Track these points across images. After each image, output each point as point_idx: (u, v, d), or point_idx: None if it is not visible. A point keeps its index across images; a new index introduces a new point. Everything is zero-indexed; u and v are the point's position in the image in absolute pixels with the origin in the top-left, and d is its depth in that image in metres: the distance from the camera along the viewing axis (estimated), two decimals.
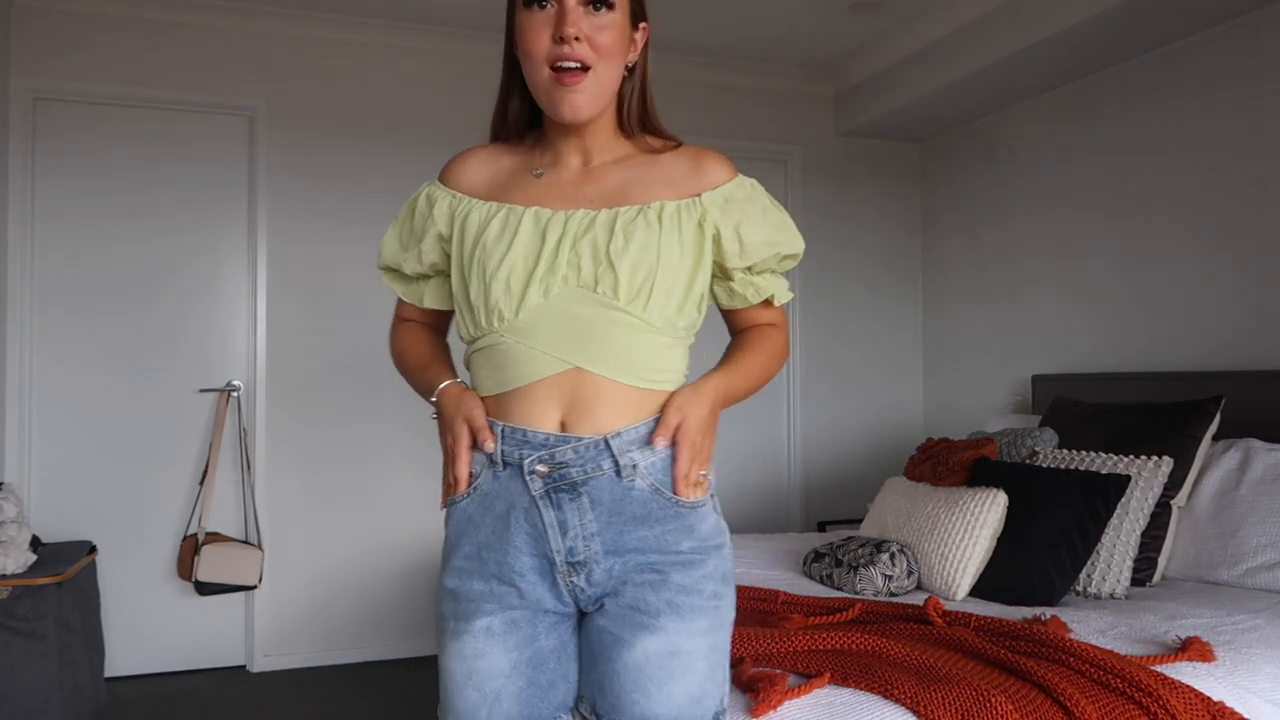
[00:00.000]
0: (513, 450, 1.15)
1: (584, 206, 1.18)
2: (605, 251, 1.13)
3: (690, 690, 1.13)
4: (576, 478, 1.13)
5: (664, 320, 1.17)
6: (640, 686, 1.12)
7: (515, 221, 1.16)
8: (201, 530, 3.54)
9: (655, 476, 1.15)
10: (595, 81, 1.15)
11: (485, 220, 1.19)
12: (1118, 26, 3.20)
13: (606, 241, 1.14)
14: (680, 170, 1.22)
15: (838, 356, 4.60)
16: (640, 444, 1.15)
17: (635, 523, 1.14)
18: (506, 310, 1.15)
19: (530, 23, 1.15)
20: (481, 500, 1.18)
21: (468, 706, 1.16)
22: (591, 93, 1.15)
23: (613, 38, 1.16)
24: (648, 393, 1.16)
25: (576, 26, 1.13)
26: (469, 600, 1.17)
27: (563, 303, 1.14)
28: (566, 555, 1.15)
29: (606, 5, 1.15)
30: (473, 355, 1.22)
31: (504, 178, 1.24)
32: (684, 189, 1.21)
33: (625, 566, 1.15)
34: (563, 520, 1.14)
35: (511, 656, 1.16)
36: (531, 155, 1.26)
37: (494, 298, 1.15)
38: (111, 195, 3.64)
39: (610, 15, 1.15)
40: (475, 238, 1.18)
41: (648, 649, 1.13)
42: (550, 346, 1.14)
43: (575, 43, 1.13)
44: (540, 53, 1.14)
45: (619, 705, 1.13)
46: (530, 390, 1.15)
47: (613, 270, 1.13)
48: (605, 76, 1.17)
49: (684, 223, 1.18)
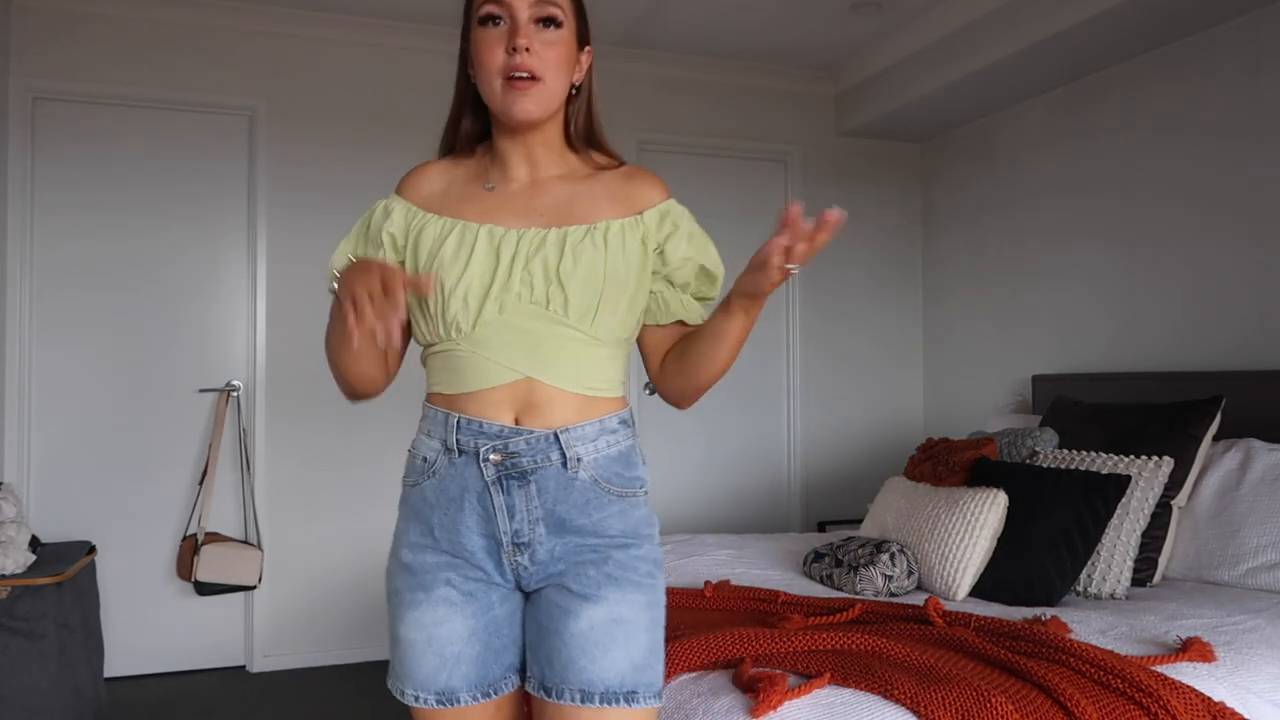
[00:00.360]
0: (469, 440, 1.25)
1: (534, 222, 1.28)
2: (556, 271, 1.23)
3: (634, 658, 1.22)
4: (527, 466, 1.24)
5: (609, 335, 1.27)
6: (587, 653, 1.21)
7: (471, 239, 1.26)
8: (201, 530, 3.54)
9: (597, 470, 1.27)
10: (544, 89, 1.26)
11: (440, 236, 1.28)
12: (1118, 26, 3.20)
13: (557, 262, 1.24)
14: (620, 187, 1.33)
15: (838, 356, 4.60)
16: (585, 441, 1.26)
17: (576, 510, 1.25)
18: (464, 323, 1.24)
19: (485, 38, 1.26)
20: (437, 484, 1.28)
21: (428, 671, 1.26)
22: (540, 98, 1.26)
23: (559, 53, 1.27)
24: (592, 399, 1.27)
25: (528, 39, 1.24)
26: (425, 572, 1.27)
27: (516, 318, 1.24)
28: (513, 536, 1.25)
29: (555, 24, 1.26)
30: (430, 356, 1.31)
31: (456, 189, 1.34)
32: (625, 206, 1.31)
33: (566, 548, 1.25)
34: (511, 505, 1.25)
35: (470, 623, 1.26)
36: (481, 167, 1.36)
37: (452, 311, 1.24)
38: (111, 195, 3.64)
39: (558, 33, 1.27)
40: (431, 252, 1.27)
41: (592, 618, 1.22)
42: (504, 357, 1.24)
43: (526, 53, 1.23)
44: (495, 64, 1.25)
45: (566, 674, 1.21)
46: (485, 393, 1.26)
47: (563, 290, 1.23)
48: (553, 86, 1.27)
49: (628, 241, 1.28)
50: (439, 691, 1.26)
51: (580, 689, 1.21)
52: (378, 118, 3.88)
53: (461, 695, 1.26)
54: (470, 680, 1.26)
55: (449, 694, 1.26)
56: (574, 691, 1.21)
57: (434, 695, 1.26)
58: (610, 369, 1.30)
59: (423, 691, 1.26)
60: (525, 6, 1.25)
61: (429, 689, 1.26)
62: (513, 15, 1.25)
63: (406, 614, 1.27)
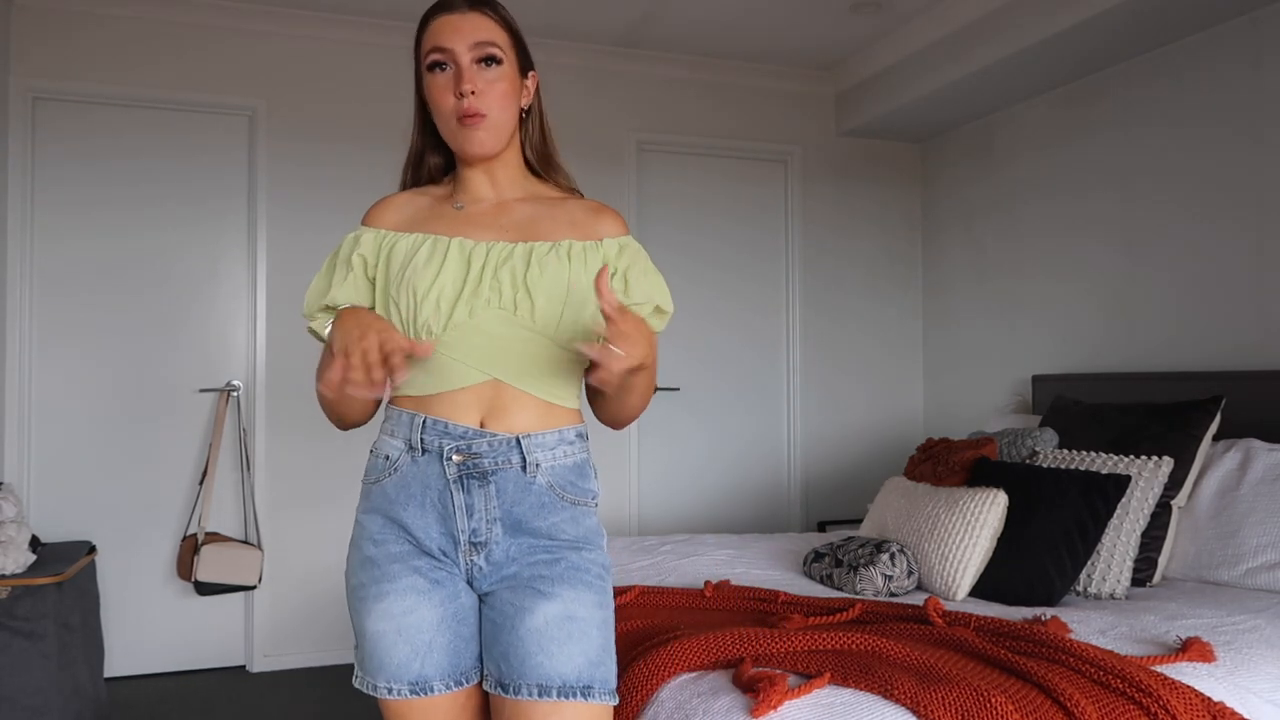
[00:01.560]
0: (433, 439, 1.30)
1: (501, 237, 1.35)
2: (523, 279, 1.30)
3: (589, 654, 1.26)
4: (488, 468, 1.29)
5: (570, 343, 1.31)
6: (543, 648, 1.24)
7: (443, 249, 1.33)
8: (201, 530, 3.54)
9: (553, 477, 1.32)
10: (492, 124, 1.34)
11: (413, 248, 1.34)
12: (1118, 26, 3.20)
13: (524, 271, 1.31)
14: (581, 217, 1.40)
15: (837, 356, 4.60)
16: (545, 448, 1.31)
17: (532, 512, 1.30)
18: (435, 326, 1.29)
19: (435, 84, 1.35)
20: (399, 480, 1.32)
21: (400, 661, 1.27)
22: (491, 131, 1.35)
23: (503, 89, 1.35)
24: (554, 407, 1.34)
25: (472, 83, 1.32)
26: (391, 562, 1.30)
27: (484, 322, 1.30)
28: (470, 535, 1.29)
29: (495, 61, 1.34)
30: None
31: (423, 214, 1.40)
32: (585, 232, 1.38)
33: (520, 549, 1.30)
34: (470, 504, 1.29)
35: (438, 611, 1.28)
36: (448, 193, 1.43)
37: (424, 315, 1.29)
38: (111, 195, 3.64)
39: (499, 69, 1.35)
40: (404, 261, 1.33)
41: (547, 614, 1.26)
42: (472, 359, 1.30)
43: (472, 96, 1.32)
44: (447, 108, 1.34)
45: (523, 669, 1.24)
46: (453, 395, 1.31)
47: (530, 297, 1.30)
48: (502, 118, 1.36)
49: (590, 259, 1.35)
50: (412, 681, 1.27)
51: (537, 684, 1.23)
52: (378, 118, 3.88)
53: (435, 684, 1.27)
54: (443, 669, 1.28)
55: (422, 683, 1.27)
56: (531, 686, 1.23)
57: (407, 685, 1.27)
58: (570, 379, 1.36)
59: (395, 682, 1.27)
60: (466, 50, 1.33)
61: (401, 679, 1.27)
62: (455, 60, 1.33)
63: (373, 606, 1.28)
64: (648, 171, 4.33)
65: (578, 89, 4.14)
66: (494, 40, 1.35)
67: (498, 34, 1.36)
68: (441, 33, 1.34)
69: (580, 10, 3.79)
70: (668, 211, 4.34)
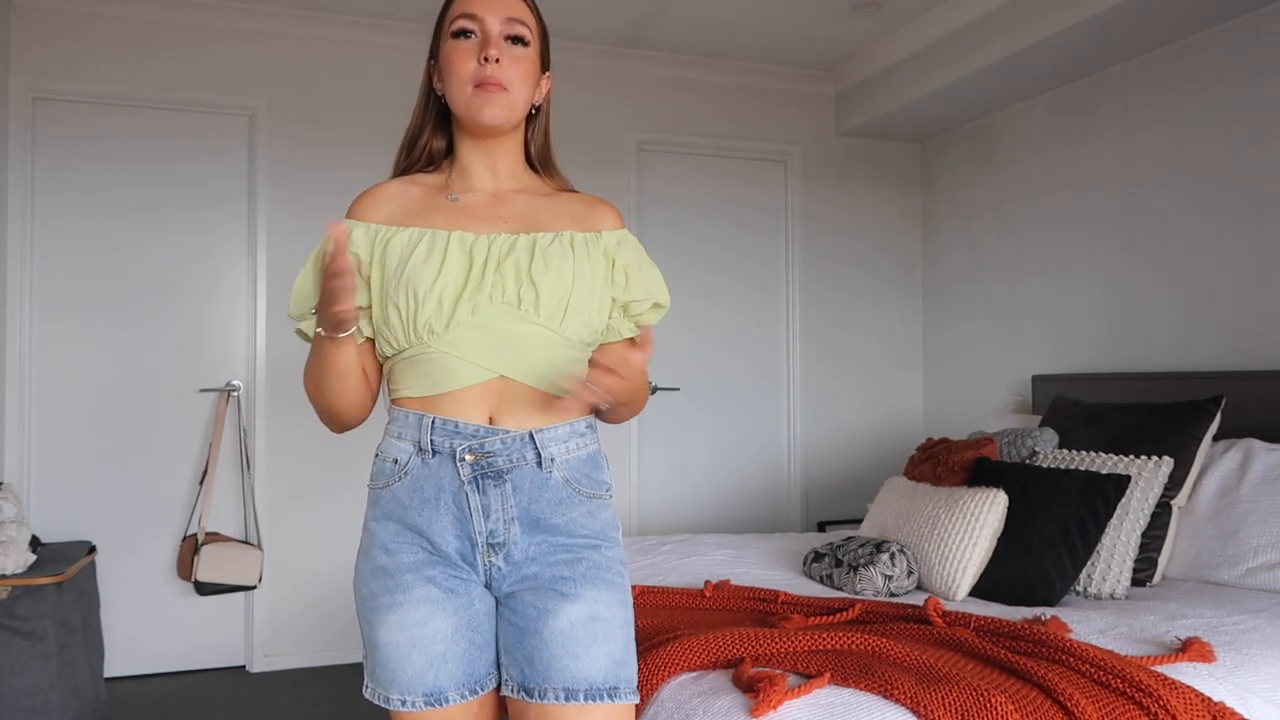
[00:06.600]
0: (444, 440, 1.27)
1: (501, 229, 1.32)
2: (528, 272, 1.28)
3: (614, 654, 1.25)
4: (502, 466, 1.26)
5: (576, 336, 1.31)
6: (569, 650, 1.22)
7: (442, 244, 1.29)
8: (201, 530, 3.54)
9: (569, 471, 1.30)
10: (509, 98, 1.32)
11: (410, 244, 1.30)
12: (1118, 26, 3.20)
13: (529, 263, 1.28)
14: (579, 210, 1.39)
15: (837, 356, 4.60)
16: (558, 442, 1.29)
17: (550, 509, 1.28)
18: (437, 325, 1.26)
19: (457, 49, 1.32)
20: (411, 484, 1.28)
21: (414, 672, 1.24)
22: (505, 105, 1.32)
23: (525, 69, 1.34)
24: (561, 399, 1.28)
25: (499, 51, 1.31)
26: (404, 572, 1.26)
27: (488, 318, 1.26)
28: (488, 536, 1.26)
29: (523, 42, 1.34)
30: (398, 363, 1.31)
31: (416, 205, 1.35)
32: (584, 224, 1.37)
33: (540, 548, 1.27)
34: (486, 504, 1.26)
35: (452, 620, 1.25)
36: (441, 182, 1.39)
37: (425, 315, 1.25)
38: (111, 195, 3.64)
39: (525, 50, 1.34)
40: (401, 259, 1.29)
41: (572, 616, 1.24)
42: (477, 357, 1.27)
43: (496, 64, 1.30)
44: (466, 73, 1.31)
45: (549, 672, 1.22)
46: (459, 394, 1.28)
47: (534, 289, 1.27)
48: (517, 97, 1.33)
49: (592, 252, 1.34)
50: (426, 693, 1.24)
51: (564, 687, 1.21)
52: (378, 118, 3.88)
53: (449, 694, 1.25)
54: (457, 679, 1.25)
55: (437, 694, 1.24)
56: (557, 690, 1.21)
57: (421, 697, 1.24)
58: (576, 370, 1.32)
59: (409, 694, 1.24)
60: (497, 24, 1.32)
61: (415, 690, 1.24)
62: (485, 30, 1.32)
63: (385, 617, 1.25)
64: (648, 171, 4.33)
65: (578, 89, 4.14)
66: (526, 22, 1.34)
67: (530, 19, 1.36)
68: (475, 2, 1.33)
69: (580, 10, 3.79)
70: (668, 211, 4.34)
